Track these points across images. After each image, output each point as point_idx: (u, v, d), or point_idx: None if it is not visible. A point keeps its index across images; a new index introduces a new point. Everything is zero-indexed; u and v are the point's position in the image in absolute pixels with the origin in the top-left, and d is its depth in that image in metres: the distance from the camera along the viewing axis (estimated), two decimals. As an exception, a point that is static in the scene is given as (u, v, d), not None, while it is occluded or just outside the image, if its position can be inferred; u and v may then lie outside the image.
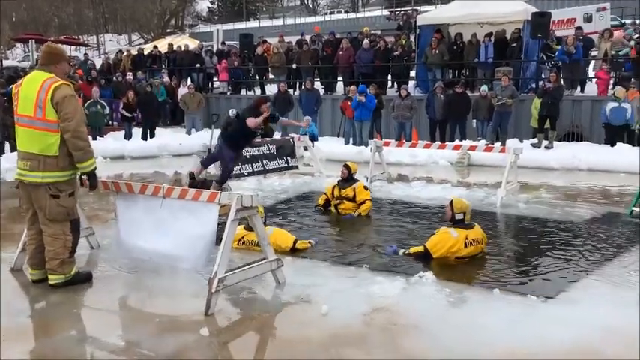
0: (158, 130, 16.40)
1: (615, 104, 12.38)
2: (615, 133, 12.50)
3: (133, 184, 5.46)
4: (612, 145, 12.37)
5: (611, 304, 4.83)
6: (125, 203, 5.54)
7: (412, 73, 17.57)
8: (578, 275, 5.50)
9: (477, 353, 3.98)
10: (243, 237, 6.27)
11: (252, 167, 9.83)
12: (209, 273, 4.71)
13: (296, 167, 10.71)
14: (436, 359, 3.92)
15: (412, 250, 6.00)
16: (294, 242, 6.27)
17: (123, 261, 5.73)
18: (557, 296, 4.99)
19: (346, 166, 8.18)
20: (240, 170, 9.58)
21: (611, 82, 14.26)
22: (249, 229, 6.08)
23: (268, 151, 10.05)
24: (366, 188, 8.11)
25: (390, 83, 17.41)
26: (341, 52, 16.89)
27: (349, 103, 14.57)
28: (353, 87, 14.71)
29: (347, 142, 14.79)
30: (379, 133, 14.63)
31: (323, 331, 4.34)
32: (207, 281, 4.68)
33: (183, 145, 14.62)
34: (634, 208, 7.75)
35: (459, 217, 5.97)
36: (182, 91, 17.72)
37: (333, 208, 8.03)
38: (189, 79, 18.92)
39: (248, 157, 9.76)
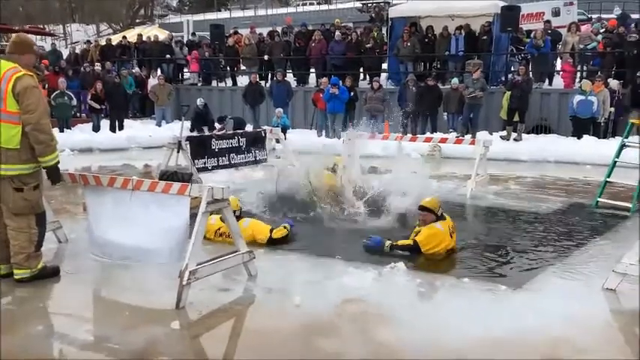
0: (127, 122, 16.15)
1: (582, 97, 12.63)
2: (582, 126, 12.76)
3: (101, 176, 5.36)
4: (579, 138, 12.63)
5: (577, 293, 4.94)
6: (94, 196, 5.44)
7: (384, 66, 17.62)
8: (545, 265, 5.61)
9: (447, 342, 4.03)
10: (219, 229, 6.22)
11: (218, 161, 9.72)
12: (180, 266, 4.66)
13: (265, 160, 10.65)
14: (407, 349, 3.96)
15: (400, 242, 5.83)
16: (271, 232, 6.18)
17: (91, 255, 5.63)
18: (525, 285, 5.09)
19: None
20: (204, 164, 9.48)
21: (579, 75, 14.53)
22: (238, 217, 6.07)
23: (238, 144, 9.95)
24: None
25: (362, 76, 17.43)
26: (313, 44, 16.84)
27: (321, 95, 14.56)
28: (325, 79, 14.70)
29: (319, 135, 14.79)
30: (352, 123, 14.62)
31: (295, 323, 4.34)
32: (178, 274, 4.63)
33: (153, 137, 14.42)
34: (599, 199, 7.94)
35: (440, 212, 5.94)
36: (152, 82, 17.47)
37: None
38: (159, 70, 18.65)
39: (216, 150, 9.65)
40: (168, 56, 18.93)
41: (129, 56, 20.32)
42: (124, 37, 21.84)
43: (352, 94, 14.52)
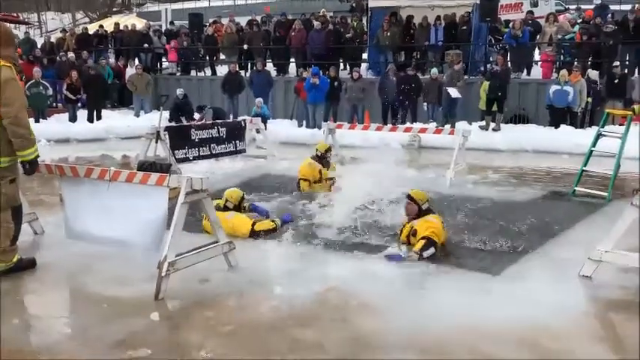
0: (105, 112, 15.94)
1: (558, 87, 12.78)
2: (559, 115, 12.91)
3: (77, 167, 5.28)
4: (556, 127, 12.78)
5: (553, 280, 5.02)
6: (70, 188, 5.36)
7: (364, 56, 17.61)
8: (523, 253, 5.68)
9: (428, 330, 4.07)
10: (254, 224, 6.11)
11: (199, 151, 9.64)
12: (159, 257, 4.62)
13: (244, 151, 10.60)
14: (387, 338, 3.99)
15: (417, 247, 5.43)
16: (253, 225, 6.10)
17: (69, 247, 5.55)
18: (504, 273, 5.16)
19: (331, 148, 8.47)
20: (185, 154, 9.41)
21: (558, 65, 14.67)
22: (224, 209, 6.11)
23: (218, 134, 9.87)
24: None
25: (342, 65, 17.40)
26: (293, 34, 16.76)
27: (304, 84, 14.51)
28: (310, 69, 14.65)
29: (300, 125, 14.75)
30: (333, 116, 14.61)
31: (275, 313, 4.35)
32: (157, 265, 4.59)
33: (131, 127, 14.22)
34: (576, 188, 8.06)
35: (425, 206, 5.82)
36: (130, 71, 17.24)
37: (321, 189, 7.96)
38: (136, 60, 18.40)
39: (196, 140, 9.58)
40: (146, 45, 18.68)
41: (106, 46, 20.02)
42: (101, 26, 21.52)
43: (336, 84, 14.48)
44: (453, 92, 13.37)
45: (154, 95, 17.17)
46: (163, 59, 19.57)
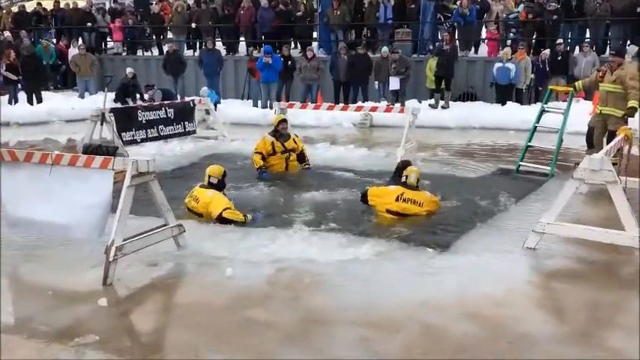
0: (48, 95, 15.35)
1: (501, 64, 13.06)
2: (504, 93, 13.20)
3: (16, 151, 5.08)
4: (503, 104, 13.07)
5: (500, 252, 5.18)
6: (9, 173, 5.14)
7: (315, 34, 17.48)
8: (471, 227, 5.82)
9: (377, 305, 4.15)
10: None
11: (147, 133, 9.43)
12: (106, 242, 4.52)
13: (194, 132, 10.43)
14: (337, 315, 4.03)
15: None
16: (224, 210, 5.89)
17: (9, 234, 5.35)
18: (452, 247, 5.29)
19: (285, 120, 8.22)
20: (133, 137, 9.18)
21: (507, 43, 14.92)
22: (213, 187, 6.10)
23: (165, 115, 9.67)
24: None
25: (293, 44, 17.24)
26: (242, 12, 16.46)
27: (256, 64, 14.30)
28: (262, 48, 14.44)
29: (255, 105, 14.58)
30: (286, 96, 14.49)
31: (227, 294, 4.33)
32: (104, 250, 4.49)
33: (76, 109, 13.76)
34: (521, 163, 8.29)
35: (402, 178, 6.20)
36: (72, 52, 16.60)
37: (276, 163, 7.92)
38: (79, 40, 17.71)
39: (144, 121, 9.35)
40: (89, 25, 18.00)
41: (46, 25, 19.19)
42: (39, 4, 20.52)
43: (290, 63, 14.34)
44: (393, 83, 13.49)
45: (99, 76, 16.61)
46: (108, 39, 18.92)
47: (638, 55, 12.16)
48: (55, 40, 17.86)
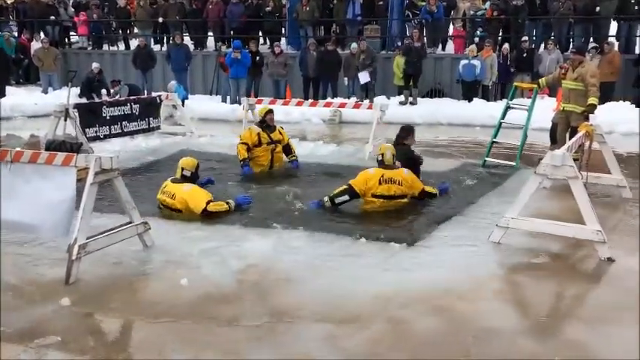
0: (10, 89, 14.95)
1: (466, 61, 13.22)
2: (470, 89, 13.38)
3: (-26, 148, 4.93)
4: (469, 101, 13.24)
5: (465, 247, 5.26)
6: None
7: (284, 30, 17.40)
8: (437, 221, 5.89)
9: (344, 301, 4.17)
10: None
11: (110, 129, 9.28)
12: (69, 240, 4.43)
13: (158, 128, 10.30)
14: (304, 311, 4.03)
15: (336, 191, 6.16)
16: (207, 203, 5.85)
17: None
18: (418, 242, 5.34)
19: (272, 110, 8.10)
20: (96, 133, 9.03)
21: (475, 40, 15.09)
22: (187, 180, 6.01)
23: (130, 112, 9.53)
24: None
25: (262, 40, 17.14)
26: (210, 7, 16.29)
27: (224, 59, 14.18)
28: (231, 44, 14.32)
29: (224, 100, 14.46)
30: (255, 91, 14.41)
31: (194, 292, 4.29)
32: (66, 249, 4.40)
33: (39, 104, 13.44)
34: (487, 159, 8.41)
35: (378, 158, 6.31)
36: (35, 46, 16.19)
37: (262, 155, 7.81)
38: (42, 33, 17.29)
39: (108, 117, 9.20)
40: (52, 18, 17.58)
41: (7, 17, 18.67)
42: (0, -4, 19.99)
43: (257, 58, 14.26)
44: (363, 77, 13.53)
45: (63, 71, 16.25)
46: (72, 33, 18.51)
47: (596, 50, 12.46)
48: (16, 34, 17.37)
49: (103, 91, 13.98)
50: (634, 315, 4.04)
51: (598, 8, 13.64)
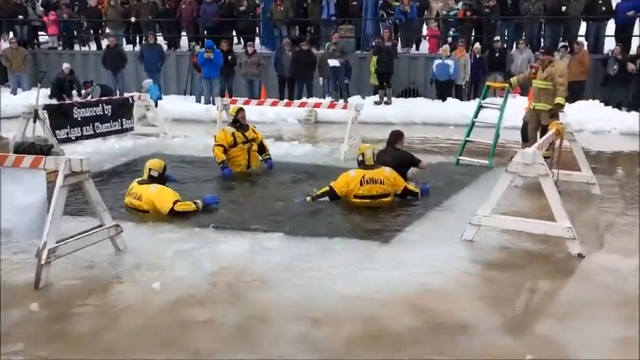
0: (-23, 90, 14.60)
1: (440, 61, 13.34)
2: (444, 89, 13.49)
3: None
4: (443, 100, 13.35)
5: (439, 245, 5.29)
6: None
7: (258, 30, 17.31)
8: (411, 220, 5.93)
9: (319, 300, 4.16)
10: None
11: (82, 130, 9.13)
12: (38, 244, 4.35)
13: (131, 129, 10.16)
14: (279, 312, 4.01)
15: (319, 192, 6.31)
16: (174, 203, 5.80)
17: None
18: (393, 240, 5.36)
19: (243, 109, 8.06)
20: (67, 134, 8.87)
21: (449, 40, 15.22)
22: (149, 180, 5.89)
23: (102, 112, 9.38)
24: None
25: (236, 39, 17.04)
26: (184, 6, 16.14)
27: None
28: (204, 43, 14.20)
29: (198, 100, 14.34)
30: (229, 91, 14.32)
31: (167, 295, 4.24)
32: (35, 253, 4.32)
33: (8, 106, 13.14)
34: (460, 157, 8.49)
35: (359, 158, 6.34)
36: (4, 45, 15.84)
37: (238, 155, 7.76)
38: (10, 33, 16.92)
39: (79, 119, 9.05)
40: (21, 17, 17.21)
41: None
42: (-34, -5, 19.48)
43: (230, 58, 14.17)
44: (332, 61, 13.52)
45: (32, 71, 15.95)
46: (42, 32, 18.15)
47: (565, 49, 12.69)
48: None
49: (74, 92, 13.77)
50: (606, 310, 4.13)
51: (564, 8, 13.89)
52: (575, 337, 3.79)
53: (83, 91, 13.81)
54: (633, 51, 13.11)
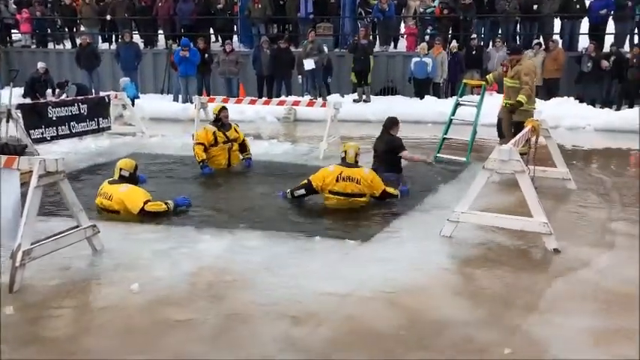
0: (-53, 90, 14.26)
1: (418, 59, 13.42)
2: (422, 86, 13.57)
3: None
4: (421, 98, 13.43)
5: (418, 241, 5.33)
6: None
7: (236, 28, 17.22)
8: (390, 217, 5.96)
9: (299, 299, 4.15)
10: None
11: (57, 130, 8.98)
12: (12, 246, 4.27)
13: (108, 128, 10.04)
14: (258, 312, 4.00)
15: (298, 185, 6.35)
16: (145, 203, 5.75)
17: None
18: (373, 238, 5.38)
19: (226, 108, 8.02)
20: (42, 134, 8.72)
21: (426, 38, 15.30)
22: (125, 180, 5.83)
23: (78, 112, 9.24)
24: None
25: (214, 37, 16.93)
26: (160, 4, 15.97)
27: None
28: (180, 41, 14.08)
29: (175, 99, 14.21)
30: (207, 90, 14.23)
31: (145, 296, 4.20)
32: (9, 255, 4.24)
33: (-21, 106, 12.86)
34: (438, 155, 8.55)
35: (341, 155, 6.38)
36: (-26, 44, 15.54)
37: (219, 154, 7.70)
38: (-19, 31, 16.62)
39: (54, 118, 8.90)
40: (-8, 15, 16.90)
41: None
42: (-64, -8, 19.04)
43: (206, 56, 14.07)
44: (308, 63, 13.53)
45: (4, 70, 15.66)
46: (14, 30, 17.82)
47: (540, 47, 12.86)
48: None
49: (49, 91, 13.55)
50: (581, 304, 4.20)
51: (536, 6, 14.08)
52: (552, 330, 3.84)
53: (57, 91, 13.60)
54: (606, 49, 13.35)
